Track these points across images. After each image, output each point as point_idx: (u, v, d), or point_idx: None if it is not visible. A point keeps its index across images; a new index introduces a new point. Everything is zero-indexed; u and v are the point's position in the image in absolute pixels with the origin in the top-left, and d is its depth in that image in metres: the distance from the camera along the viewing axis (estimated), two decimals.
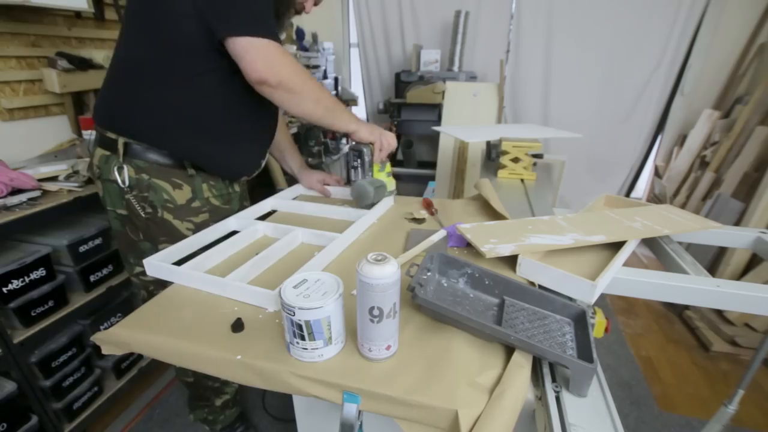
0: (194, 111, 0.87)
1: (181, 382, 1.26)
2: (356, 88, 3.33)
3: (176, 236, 0.92)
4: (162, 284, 0.97)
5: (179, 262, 0.77)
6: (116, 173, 0.88)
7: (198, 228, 0.94)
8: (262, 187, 2.44)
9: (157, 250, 0.92)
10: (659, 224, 0.85)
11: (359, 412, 0.51)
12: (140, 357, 1.52)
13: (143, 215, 0.91)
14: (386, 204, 1.09)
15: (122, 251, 1.04)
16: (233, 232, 0.93)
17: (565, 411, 0.49)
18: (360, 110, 3.34)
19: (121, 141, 0.87)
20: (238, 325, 0.61)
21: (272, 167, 2.31)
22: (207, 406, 1.26)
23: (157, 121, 0.87)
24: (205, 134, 0.90)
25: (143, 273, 0.94)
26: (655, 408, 1.48)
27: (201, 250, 0.82)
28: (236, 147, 0.96)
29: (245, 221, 0.96)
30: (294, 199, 1.18)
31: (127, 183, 0.88)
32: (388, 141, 1.02)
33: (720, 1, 2.33)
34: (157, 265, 0.75)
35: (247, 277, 0.74)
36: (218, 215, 0.98)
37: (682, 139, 2.59)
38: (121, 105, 0.88)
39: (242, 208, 1.08)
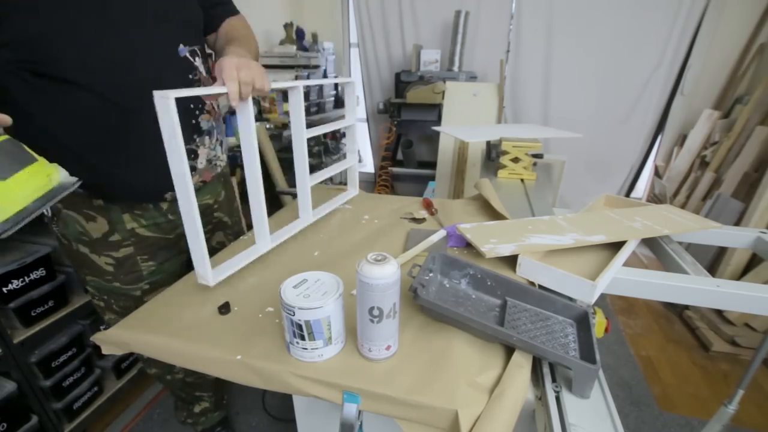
0: (45, 126, 0.69)
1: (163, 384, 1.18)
2: (356, 88, 3.33)
3: (97, 271, 0.84)
4: (103, 311, 0.92)
5: None
6: None
7: (120, 263, 0.83)
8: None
9: (85, 281, 0.87)
10: (659, 224, 0.85)
11: (359, 412, 0.51)
12: (140, 357, 1.52)
13: (64, 245, 0.83)
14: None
15: None
16: None
17: (565, 411, 0.49)
18: (360, 110, 3.34)
19: None
20: (224, 307, 0.63)
21: (272, 167, 2.30)
22: (186, 409, 1.26)
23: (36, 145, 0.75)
24: (73, 151, 0.72)
25: (92, 295, 0.91)
26: (655, 408, 1.48)
27: None
28: (125, 158, 0.75)
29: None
30: None
31: (49, 213, 0.80)
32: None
33: (720, 1, 2.32)
34: None
35: None
36: (150, 247, 0.86)
37: (682, 139, 2.59)
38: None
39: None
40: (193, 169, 0.82)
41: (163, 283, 0.85)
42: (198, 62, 0.80)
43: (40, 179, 0.48)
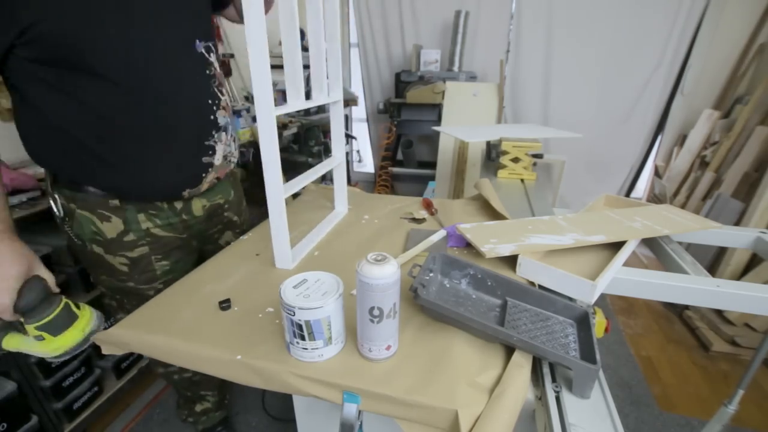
0: (58, 123, 0.69)
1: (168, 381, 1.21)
2: (356, 88, 3.33)
3: (111, 271, 0.84)
4: (116, 311, 0.94)
5: None
6: (51, 202, 0.79)
7: (134, 263, 0.84)
8: (262, 186, 2.44)
9: (99, 281, 0.88)
10: (659, 224, 0.85)
11: (359, 412, 0.51)
12: (140, 357, 1.52)
13: (78, 246, 0.82)
14: None
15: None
16: None
17: (565, 411, 0.49)
18: (360, 110, 3.34)
19: (47, 172, 0.78)
20: (225, 302, 0.65)
21: None
22: (188, 408, 1.27)
23: (34, 148, 0.74)
24: (90, 149, 0.72)
25: (102, 295, 0.94)
26: (655, 408, 1.48)
27: None
28: (146, 156, 0.75)
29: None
30: None
31: (62, 213, 0.79)
32: None
33: (720, 1, 2.32)
34: None
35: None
36: (164, 247, 0.86)
37: (682, 139, 2.59)
38: (24, 133, 0.74)
39: (211, 228, 0.96)
40: (210, 165, 0.83)
41: None
42: (213, 58, 0.81)
43: (77, 334, 0.67)
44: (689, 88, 2.54)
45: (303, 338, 0.52)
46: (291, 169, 2.52)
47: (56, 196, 0.78)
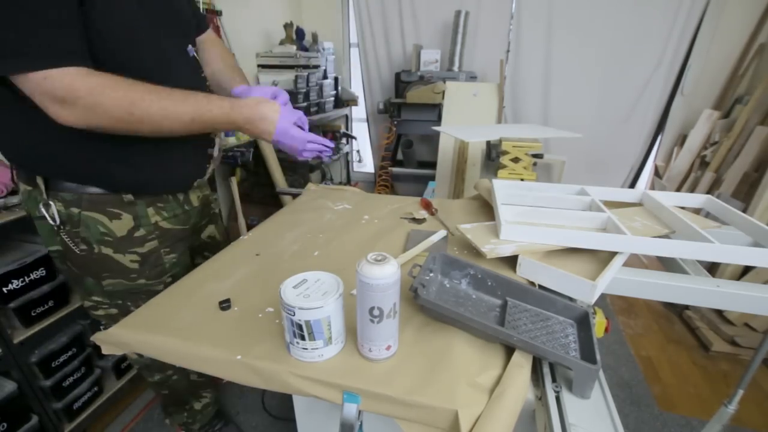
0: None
1: (157, 394, 1.18)
2: (356, 88, 3.33)
3: (121, 271, 0.83)
4: (114, 319, 0.84)
5: None
6: (43, 210, 0.75)
7: (145, 259, 0.85)
8: (262, 186, 2.44)
9: (101, 286, 0.85)
10: (659, 224, 0.85)
11: (359, 412, 0.51)
12: (140, 357, 1.51)
13: (78, 252, 0.79)
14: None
15: (70, 285, 0.94)
16: None
17: (565, 411, 0.49)
18: (360, 110, 3.34)
19: (39, 178, 0.74)
20: (225, 302, 0.65)
21: (272, 167, 2.31)
22: (186, 410, 1.21)
23: (28, 153, 0.72)
24: (115, 150, 0.73)
25: (93, 307, 0.89)
26: (655, 408, 1.48)
27: None
28: (163, 150, 0.79)
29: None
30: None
31: (57, 220, 0.75)
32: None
33: (720, 1, 2.32)
34: None
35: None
36: (171, 239, 0.88)
37: (682, 139, 2.59)
38: (11, 135, 0.71)
39: (202, 220, 0.99)
40: (211, 157, 0.91)
41: (181, 276, 0.82)
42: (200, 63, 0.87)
43: None
44: (689, 88, 2.54)
45: (303, 338, 0.52)
46: (291, 169, 2.52)
47: (51, 202, 0.74)
